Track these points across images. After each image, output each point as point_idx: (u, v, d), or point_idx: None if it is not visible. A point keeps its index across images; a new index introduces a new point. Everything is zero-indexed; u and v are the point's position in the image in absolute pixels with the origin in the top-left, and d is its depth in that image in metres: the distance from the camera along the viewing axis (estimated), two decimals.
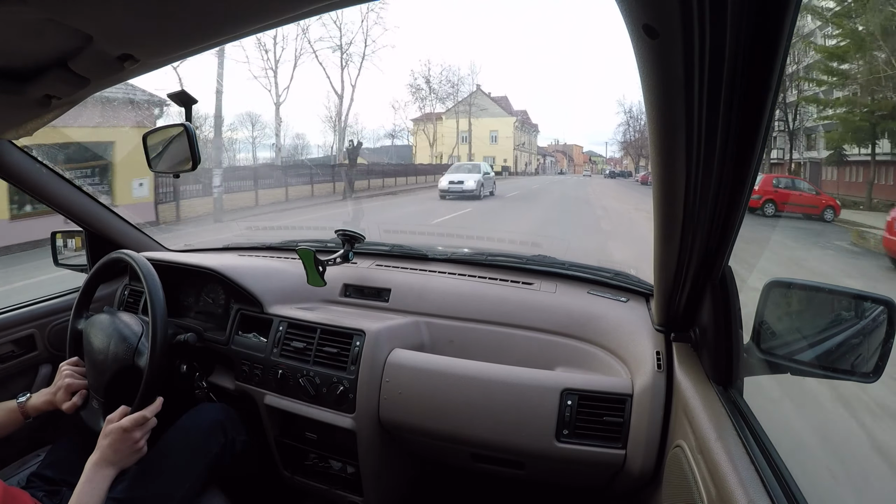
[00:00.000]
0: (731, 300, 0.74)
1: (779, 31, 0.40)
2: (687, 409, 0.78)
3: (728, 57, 0.42)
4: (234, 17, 0.52)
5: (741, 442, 0.63)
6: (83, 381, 1.09)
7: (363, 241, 1.37)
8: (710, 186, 0.56)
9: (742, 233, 0.64)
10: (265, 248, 1.65)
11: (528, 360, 1.10)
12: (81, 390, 1.08)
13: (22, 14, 0.47)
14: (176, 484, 1.00)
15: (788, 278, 0.78)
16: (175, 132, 0.96)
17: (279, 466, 1.27)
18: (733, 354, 0.75)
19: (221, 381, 1.30)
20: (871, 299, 0.72)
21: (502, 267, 1.37)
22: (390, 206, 12.40)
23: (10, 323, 1.34)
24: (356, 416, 1.09)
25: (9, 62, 0.63)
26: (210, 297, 1.43)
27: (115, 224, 1.51)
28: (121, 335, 1.06)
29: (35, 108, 0.78)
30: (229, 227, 8.54)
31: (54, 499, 0.99)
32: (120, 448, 0.90)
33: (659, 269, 0.82)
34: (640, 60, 0.46)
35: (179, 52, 0.60)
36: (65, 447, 1.12)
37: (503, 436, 0.98)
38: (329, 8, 0.49)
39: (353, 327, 1.14)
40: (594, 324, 1.13)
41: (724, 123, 0.48)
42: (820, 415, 2.21)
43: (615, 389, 0.96)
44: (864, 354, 0.72)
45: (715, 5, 0.37)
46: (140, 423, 0.93)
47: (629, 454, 0.93)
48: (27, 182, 1.26)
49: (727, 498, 0.56)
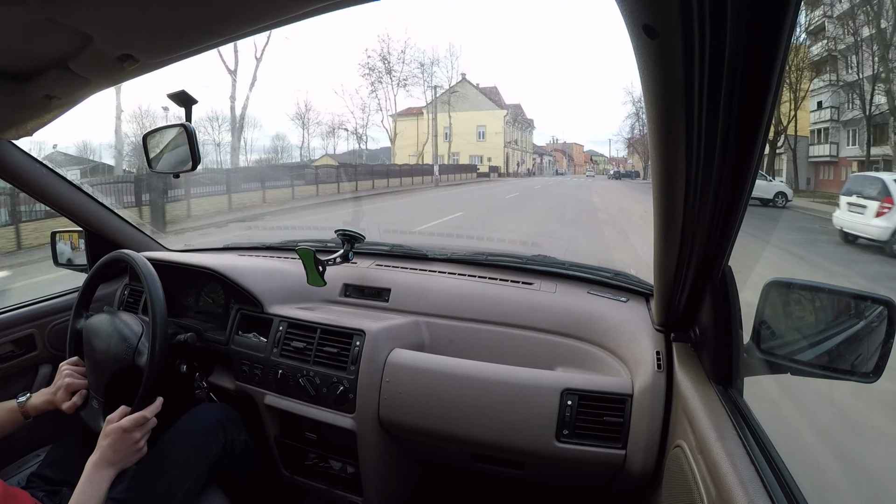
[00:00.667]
0: (730, 300, 0.74)
1: (779, 31, 0.40)
2: (687, 409, 0.78)
3: (728, 57, 0.42)
4: (233, 17, 0.52)
5: (741, 442, 0.63)
6: (83, 381, 1.09)
7: (363, 240, 1.37)
8: (710, 187, 0.56)
9: None
10: (265, 247, 1.65)
11: (528, 360, 1.10)
12: (81, 390, 1.08)
13: (22, 14, 0.48)
14: (176, 484, 1.00)
15: (788, 278, 0.78)
16: (175, 132, 0.96)
17: (279, 466, 1.27)
18: (733, 354, 0.75)
19: (221, 381, 1.30)
20: (871, 299, 0.72)
21: (502, 267, 1.37)
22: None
23: (10, 323, 1.34)
24: (356, 416, 1.09)
25: (9, 62, 0.63)
26: (210, 297, 1.43)
27: (114, 224, 1.51)
28: (121, 335, 1.06)
29: (35, 108, 0.79)
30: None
31: (54, 498, 0.99)
32: (120, 448, 0.90)
33: (659, 269, 0.82)
34: (640, 60, 0.46)
35: (179, 52, 0.60)
36: (65, 447, 1.12)
37: (503, 436, 0.98)
38: (329, 8, 0.49)
39: (353, 327, 1.14)
40: (594, 324, 1.13)
41: (724, 123, 0.48)
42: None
43: (615, 389, 0.96)
44: (864, 354, 0.72)
45: (715, 5, 0.37)
46: (140, 424, 0.93)
47: (629, 454, 0.93)
48: (27, 182, 1.26)
49: (727, 498, 0.56)
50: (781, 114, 16.56)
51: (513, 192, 17.06)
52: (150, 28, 0.53)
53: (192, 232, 9.18)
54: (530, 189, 19.25)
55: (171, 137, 0.99)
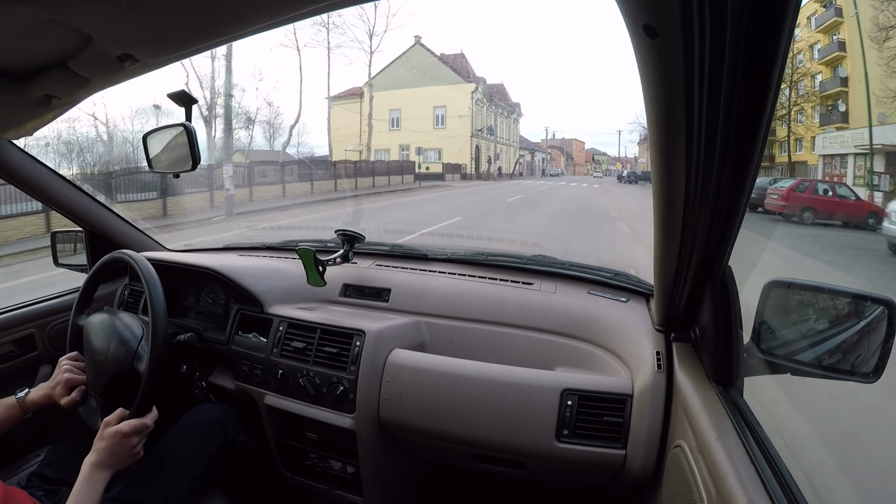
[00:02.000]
0: (731, 300, 0.74)
1: (779, 31, 0.40)
2: (687, 409, 0.78)
3: (728, 57, 0.42)
4: (233, 17, 0.52)
5: (741, 442, 0.63)
6: (82, 377, 1.09)
7: (363, 241, 1.37)
8: (710, 186, 0.56)
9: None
10: (265, 248, 1.65)
11: (528, 360, 1.10)
12: (80, 386, 1.08)
13: (22, 14, 0.48)
14: (176, 484, 1.00)
15: (788, 278, 0.78)
16: (175, 132, 0.96)
17: (279, 466, 1.27)
18: (733, 354, 0.75)
19: (221, 381, 1.30)
20: (871, 299, 0.72)
21: (502, 267, 1.37)
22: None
23: (10, 323, 1.34)
24: (356, 416, 1.09)
25: (9, 62, 0.63)
26: (210, 297, 1.43)
27: (115, 224, 1.51)
28: (121, 338, 1.05)
29: (35, 108, 0.79)
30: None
31: (54, 498, 0.99)
32: (117, 452, 0.91)
33: (659, 269, 0.82)
34: (640, 60, 0.46)
35: (179, 52, 0.60)
36: (64, 447, 1.12)
37: (503, 436, 0.98)
38: (329, 8, 0.49)
39: (353, 327, 1.14)
40: (594, 324, 1.13)
41: (724, 123, 0.48)
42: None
43: (615, 389, 0.96)
44: (864, 354, 0.72)
45: (715, 5, 0.37)
46: (139, 431, 0.94)
47: (629, 454, 0.93)
48: (27, 182, 1.26)
49: (727, 498, 0.56)
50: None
51: (437, 217, 8.42)
52: (150, 28, 0.53)
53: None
54: (488, 207, 11.41)
55: (171, 137, 0.99)
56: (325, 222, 8.72)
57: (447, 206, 11.30)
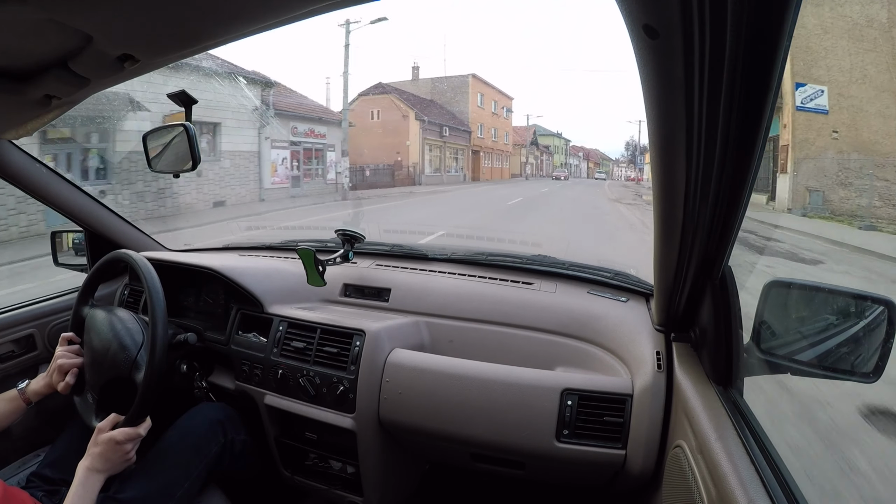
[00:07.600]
0: (731, 300, 0.74)
1: (779, 31, 0.40)
2: (687, 409, 0.78)
3: (728, 57, 0.42)
4: (233, 17, 0.52)
5: (741, 442, 0.63)
6: (76, 360, 1.08)
7: (363, 240, 1.37)
8: (710, 186, 0.56)
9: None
10: (265, 247, 1.65)
11: (528, 360, 1.10)
12: (73, 369, 1.07)
13: (22, 14, 0.47)
14: (175, 483, 1.00)
15: (788, 278, 0.79)
16: (175, 132, 0.96)
17: (279, 466, 1.27)
18: (733, 354, 0.75)
19: (221, 380, 1.30)
20: (871, 299, 0.72)
21: (502, 267, 1.37)
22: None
23: (10, 323, 1.34)
24: (356, 416, 1.09)
25: (9, 62, 0.63)
26: (210, 297, 1.43)
27: (115, 224, 1.51)
28: (121, 344, 1.03)
29: (35, 108, 0.78)
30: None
31: (54, 498, 0.99)
32: (110, 458, 0.92)
33: (659, 269, 0.82)
34: (640, 60, 0.46)
35: (179, 52, 0.60)
36: (64, 447, 1.12)
37: (503, 436, 0.98)
38: (329, 8, 0.49)
39: (353, 327, 1.14)
40: (594, 324, 1.13)
41: (724, 123, 0.48)
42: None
43: (615, 389, 0.96)
44: (864, 354, 0.72)
45: (715, 5, 0.37)
46: (132, 439, 0.94)
47: (629, 454, 0.93)
48: (27, 182, 1.26)
49: (727, 498, 0.56)
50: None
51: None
52: (150, 28, 0.53)
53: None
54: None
55: (171, 137, 0.99)
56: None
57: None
